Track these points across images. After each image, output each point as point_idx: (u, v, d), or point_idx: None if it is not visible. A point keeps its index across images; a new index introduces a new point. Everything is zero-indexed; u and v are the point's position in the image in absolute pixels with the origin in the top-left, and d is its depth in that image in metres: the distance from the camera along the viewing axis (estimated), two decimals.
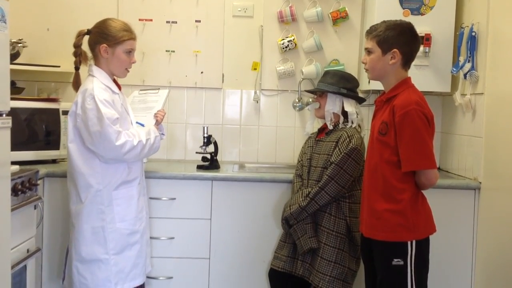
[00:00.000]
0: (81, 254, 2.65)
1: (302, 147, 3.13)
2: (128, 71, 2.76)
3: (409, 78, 2.48)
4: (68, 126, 2.65)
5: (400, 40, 2.42)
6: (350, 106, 2.93)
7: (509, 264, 2.70)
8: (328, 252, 2.80)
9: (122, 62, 2.69)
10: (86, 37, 2.72)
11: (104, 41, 2.64)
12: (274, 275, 3.00)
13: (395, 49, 2.41)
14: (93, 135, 2.54)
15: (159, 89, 3.05)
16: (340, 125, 2.95)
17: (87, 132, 2.56)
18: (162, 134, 2.88)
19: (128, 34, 2.68)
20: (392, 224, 2.38)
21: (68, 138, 2.66)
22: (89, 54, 2.73)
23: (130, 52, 2.70)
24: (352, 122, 2.93)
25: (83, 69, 2.75)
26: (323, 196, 2.80)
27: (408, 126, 2.31)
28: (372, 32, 2.47)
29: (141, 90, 3.09)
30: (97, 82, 2.62)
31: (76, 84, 2.72)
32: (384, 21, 2.48)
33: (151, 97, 2.99)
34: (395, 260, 2.37)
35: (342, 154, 2.80)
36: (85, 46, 2.73)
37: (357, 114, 2.94)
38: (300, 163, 3.05)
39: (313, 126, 3.19)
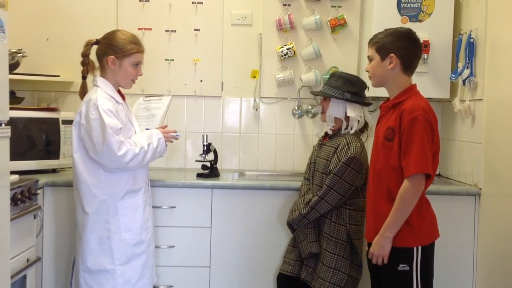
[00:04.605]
0: (87, 264, 2.64)
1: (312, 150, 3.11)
2: (134, 82, 2.76)
3: (415, 85, 2.51)
4: (72, 136, 2.65)
5: (396, 45, 2.46)
6: (353, 111, 2.86)
7: (511, 270, 2.69)
8: (328, 258, 2.79)
9: (129, 74, 2.70)
10: (94, 47, 2.72)
11: (112, 53, 2.64)
12: (282, 280, 2.98)
13: (392, 54, 2.45)
14: (96, 145, 2.54)
15: (162, 95, 3.06)
16: (342, 130, 2.90)
17: (91, 142, 2.56)
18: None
19: (136, 47, 2.68)
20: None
21: (72, 148, 2.65)
22: (97, 64, 2.73)
23: (137, 64, 2.71)
24: (351, 128, 2.88)
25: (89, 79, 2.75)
26: (323, 205, 2.79)
27: (415, 132, 2.33)
28: (372, 40, 2.54)
29: (145, 97, 3.11)
30: (101, 92, 2.62)
31: (83, 93, 2.72)
32: (385, 29, 2.54)
33: (154, 104, 3.00)
34: (401, 265, 2.38)
35: (341, 163, 2.76)
36: (92, 56, 2.73)
37: (359, 119, 2.88)
38: (309, 166, 3.03)
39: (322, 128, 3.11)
